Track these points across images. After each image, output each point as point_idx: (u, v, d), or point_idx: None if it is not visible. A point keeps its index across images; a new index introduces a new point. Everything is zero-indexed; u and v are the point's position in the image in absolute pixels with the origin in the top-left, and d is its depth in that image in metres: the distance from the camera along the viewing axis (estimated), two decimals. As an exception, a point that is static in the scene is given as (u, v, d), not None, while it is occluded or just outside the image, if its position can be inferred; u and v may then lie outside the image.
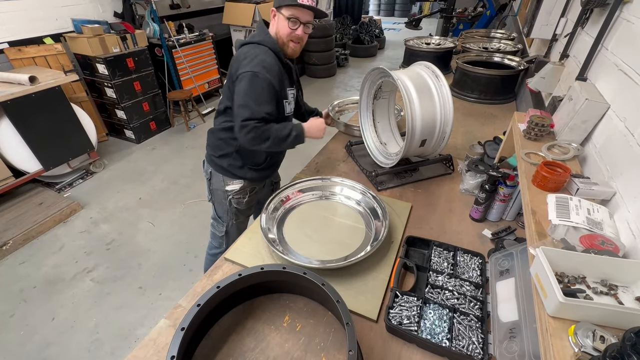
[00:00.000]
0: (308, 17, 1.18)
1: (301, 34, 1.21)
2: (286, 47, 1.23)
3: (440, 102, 1.26)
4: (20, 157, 2.62)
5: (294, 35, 1.20)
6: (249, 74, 1.14)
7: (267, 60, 1.17)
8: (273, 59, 1.19)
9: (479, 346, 0.78)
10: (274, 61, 1.19)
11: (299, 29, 1.19)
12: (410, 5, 9.81)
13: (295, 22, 1.17)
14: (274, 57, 1.20)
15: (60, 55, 3.19)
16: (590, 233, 0.70)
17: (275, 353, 0.80)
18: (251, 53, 1.19)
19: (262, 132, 1.16)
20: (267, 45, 1.20)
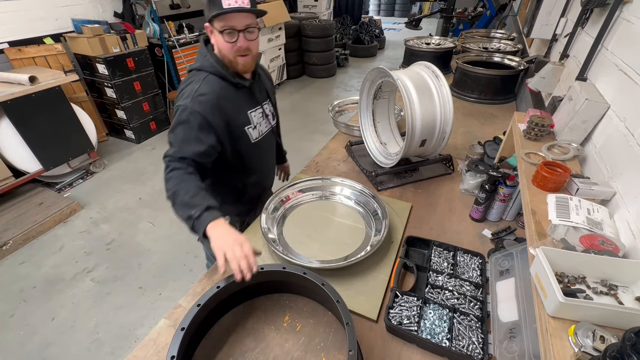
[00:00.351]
0: (245, 21, 0.96)
1: (245, 45, 0.98)
2: (235, 64, 1.03)
3: (440, 102, 1.27)
4: (20, 157, 2.62)
5: (237, 48, 0.98)
6: (178, 108, 0.98)
7: (203, 89, 0.99)
8: (215, 85, 1.01)
9: (479, 346, 0.78)
10: (217, 87, 1.01)
11: (240, 39, 0.97)
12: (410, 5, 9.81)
13: (232, 34, 0.96)
14: (217, 81, 1.02)
15: (60, 55, 3.19)
16: (590, 233, 0.70)
17: (275, 353, 0.80)
18: (187, 82, 1.03)
19: (170, 177, 0.92)
20: (206, 70, 1.03)
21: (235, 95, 1.07)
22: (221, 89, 1.03)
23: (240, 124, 1.10)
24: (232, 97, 1.06)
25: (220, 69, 1.03)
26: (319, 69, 5.63)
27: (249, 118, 1.12)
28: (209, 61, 1.02)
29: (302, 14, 6.01)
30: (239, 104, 1.09)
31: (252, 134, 1.14)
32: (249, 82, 1.10)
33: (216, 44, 1.02)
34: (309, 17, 5.76)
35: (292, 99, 4.93)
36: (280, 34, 4.92)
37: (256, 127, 1.15)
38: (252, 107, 1.13)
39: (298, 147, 3.68)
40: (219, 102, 1.01)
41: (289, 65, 5.42)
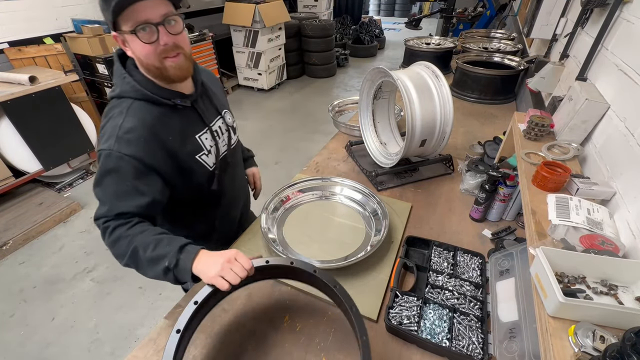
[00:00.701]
0: (160, 10, 0.73)
1: (170, 40, 0.76)
2: (164, 70, 0.79)
3: (440, 102, 1.26)
4: (20, 157, 2.62)
5: (161, 49, 0.75)
6: (101, 154, 0.77)
7: (128, 123, 0.77)
8: (143, 113, 0.80)
9: (479, 346, 0.78)
10: (148, 116, 0.80)
11: (161, 35, 0.74)
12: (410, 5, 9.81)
13: (149, 31, 0.73)
14: (146, 108, 0.80)
15: (60, 55, 3.19)
16: (590, 233, 0.70)
17: (275, 353, 0.80)
18: (107, 116, 0.81)
19: (114, 240, 0.76)
20: (128, 95, 0.80)
21: (175, 119, 0.84)
22: (153, 117, 0.80)
23: (190, 154, 0.88)
24: (170, 124, 0.83)
25: (147, 90, 0.79)
26: (319, 69, 5.63)
27: (200, 143, 0.90)
28: (130, 84, 0.79)
29: (302, 14, 6.02)
30: (182, 129, 0.86)
31: (208, 161, 0.93)
32: (191, 97, 0.88)
33: (134, 53, 0.77)
34: (309, 17, 5.76)
35: (292, 99, 4.93)
36: (280, 34, 4.93)
37: (211, 152, 0.93)
38: (201, 129, 0.91)
39: (298, 147, 3.68)
40: (153, 135, 0.79)
41: (289, 65, 5.42)
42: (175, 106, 0.85)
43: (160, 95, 0.82)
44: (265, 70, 4.81)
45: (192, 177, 0.91)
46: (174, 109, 0.85)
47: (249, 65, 4.87)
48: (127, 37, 0.74)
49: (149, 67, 0.79)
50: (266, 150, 3.60)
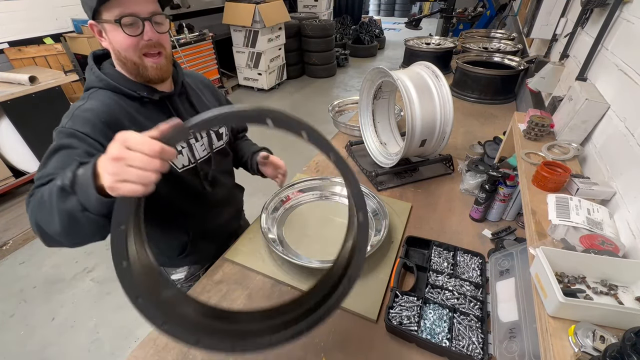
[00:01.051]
0: (149, 7, 0.72)
1: (155, 37, 0.74)
2: (143, 68, 0.76)
3: (440, 102, 1.26)
4: (20, 157, 2.62)
5: (144, 43, 0.73)
6: (54, 133, 0.72)
7: (88, 104, 0.73)
8: (106, 99, 0.75)
9: (479, 346, 0.78)
10: (110, 102, 0.75)
11: (146, 29, 0.72)
12: (410, 5, 9.81)
13: (134, 24, 0.71)
14: (109, 96, 0.76)
15: (60, 55, 3.19)
16: (590, 233, 0.70)
17: (275, 353, 0.80)
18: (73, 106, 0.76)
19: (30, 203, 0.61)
20: (94, 85, 0.77)
21: (141, 113, 0.79)
22: (116, 104, 0.75)
23: None
24: (134, 117, 0.77)
25: (113, 80, 0.76)
26: (319, 69, 5.63)
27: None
28: (95, 74, 0.77)
29: (302, 14, 6.02)
30: (148, 123, 0.78)
31: (176, 162, 0.84)
32: (161, 94, 0.82)
33: (112, 44, 0.74)
34: (309, 17, 5.76)
35: (292, 99, 4.93)
36: (280, 34, 4.93)
37: (181, 153, 0.86)
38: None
39: (298, 147, 3.68)
40: (114, 120, 0.73)
41: (289, 65, 5.42)
42: (143, 100, 0.79)
43: (127, 87, 0.77)
44: (265, 70, 4.81)
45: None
46: (142, 103, 0.80)
47: (249, 65, 4.87)
48: (107, 26, 0.71)
49: (126, 61, 0.75)
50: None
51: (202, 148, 0.93)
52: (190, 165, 0.89)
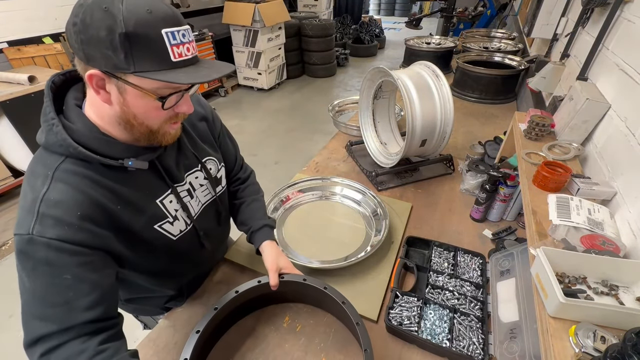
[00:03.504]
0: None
1: (191, 109, 0.63)
2: (160, 136, 0.63)
3: (440, 102, 1.26)
4: (20, 156, 2.62)
5: (172, 115, 0.62)
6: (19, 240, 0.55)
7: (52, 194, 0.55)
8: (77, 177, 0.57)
9: (480, 347, 0.78)
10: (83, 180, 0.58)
11: (184, 101, 0.61)
12: (411, 5, 9.80)
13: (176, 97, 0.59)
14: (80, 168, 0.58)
15: (60, 54, 3.18)
16: (591, 233, 0.69)
17: (275, 353, 0.80)
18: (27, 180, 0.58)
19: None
20: (56, 151, 0.58)
21: (124, 182, 0.63)
22: (90, 182, 0.58)
23: (147, 225, 0.68)
24: (118, 191, 0.62)
25: (86, 148, 0.57)
26: (319, 69, 5.63)
27: (162, 210, 0.70)
28: (58, 135, 0.56)
29: (302, 14, 6.01)
30: (134, 196, 0.64)
31: (172, 230, 0.73)
32: (153, 155, 0.66)
33: (127, 107, 0.57)
34: (309, 17, 5.76)
35: (292, 99, 4.93)
36: (280, 33, 4.92)
37: (177, 218, 0.74)
38: (163, 191, 0.70)
39: (298, 147, 3.68)
40: (94, 206, 0.58)
41: (289, 64, 5.41)
42: (125, 168, 0.63)
43: (104, 154, 0.59)
44: (265, 69, 4.81)
45: (149, 249, 0.70)
46: (125, 171, 0.63)
47: (249, 64, 4.87)
48: (130, 89, 0.55)
49: (139, 126, 0.60)
50: (266, 150, 3.59)
51: (196, 203, 0.80)
52: (187, 228, 0.77)
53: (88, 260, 0.57)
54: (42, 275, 0.55)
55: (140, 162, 0.64)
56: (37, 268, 0.55)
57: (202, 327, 0.69)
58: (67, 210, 0.55)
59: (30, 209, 0.54)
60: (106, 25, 0.49)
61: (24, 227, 0.54)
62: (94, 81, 0.54)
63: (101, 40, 0.50)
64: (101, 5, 0.49)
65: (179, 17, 0.55)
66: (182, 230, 0.77)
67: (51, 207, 0.54)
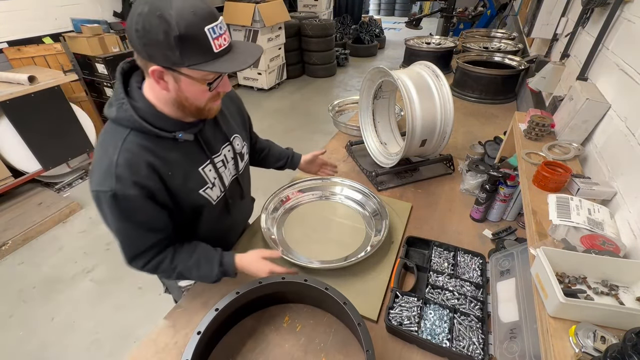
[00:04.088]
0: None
1: (229, 88, 0.77)
2: (206, 112, 0.77)
3: (440, 102, 1.26)
4: (20, 157, 2.62)
5: (215, 94, 0.74)
6: (98, 194, 0.71)
7: (122, 160, 0.70)
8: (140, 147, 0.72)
9: (480, 347, 0.78)
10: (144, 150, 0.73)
11: (224, 81, 0.74)
12: (411, 5, 9.80)
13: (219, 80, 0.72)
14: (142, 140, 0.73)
15: (60, 55, 3.19)
16: (591, 233, 0.70)
17: (275, 353, 0.80)
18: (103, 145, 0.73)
19: (166, 269, 0.82)
20: (125, 124, 0.72)
21: (175, 152, 0.77)
22: (150, 152, 0.73)
23: (193, 189, 0.83)
24: (169, 159, 0.76)
25: (146, 122, 0.72)
26: (319, 69, 5.62)
27: (204, 177, 0.84)
28: (127, 112, 0.71)
29: (302, 14, 6.01)
30: (183, 163, 0.80)
31: (212, 194, 0.87)
32: (196, 128, 0.80)
33: (181, 92, 0.70)
34: (309, 17, 5.76)
35: (292, 99, 4.93)
36: (280, 33, 4.92)
37: (215, 185, 0.88)
38: (204, 160, 0.84)
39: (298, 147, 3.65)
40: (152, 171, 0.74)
41: (289, 64, 5.41)
42: (176, 140, 0.77)
43: (161, 128, 0.74)
44: (265, 69, 4.81)
45: (194, 211, 0.86)
46: (175, 142, 0.77)
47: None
48: (184, 79, 0.67)
49: (189, 105, 0.73)
50: (266, 150, 3.59)
51: (229, 174, 0.94)
52: (221, 194, 0.92)
53: (154, 206, 0.76)
54: (125, 218, 0.74)
55: (187, 134, 0.78)
56: (122, 214, 0.73)
57: (203, 328, 0.69)
58: (136, 173, 0.71)
59: (108, 171, 0.70)
60: (163, 30, 0.60)
61: (106, 185, 0.70)
62: (156, 74, 0.67)
63: (160, 43, 0.61)
64: (155, 12, 0.59)
65: (215, 12, 0.65)
66: (218, 196, 0.91)
67: (123, 169, 0.70)
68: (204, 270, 0.84)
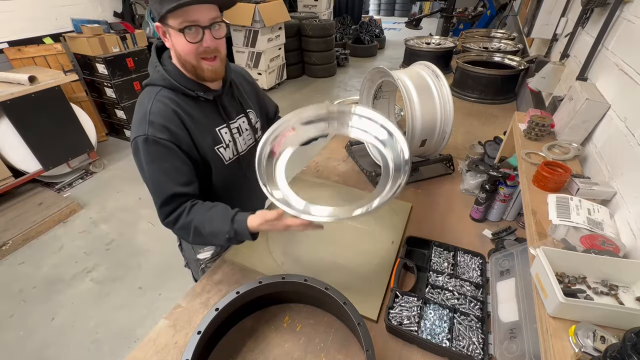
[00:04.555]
0: (210, 15, 0.79)
1: (213, 44, 0.82)
2: (200, 70, 0.85)
3: (440, 102, 1.26)
4: (20, 157, 2.62)
5: (202, 49, 0.81)
6: (136, 141, 0.83)
7: (155, 107, 0.84)
8: (169, 100, 0.86)
9: (479, 346, 0.78)
10: (172, 103, 0.86)
11: (206, 37, 0.80)
12: (411, 5, 9.80)
13: (196, 31, 0.78)
14: (172, 96, 0.87)
15: (60, 55, 3.19)
16: (590, 233, 0.70)
17: (275, 353, 0.80)
18: (140, 103, 0.88)
19: (183, 223, 0.85)
20: (157, 83, 0.87)
21: (197, 110, 0.91)
22: (178, 105, 0.87)
23: (209, 144, 0.93)
24: (192, 114, 0.89)
25: (174, 80, 0.86)
26: (319, 69, 5.62)
27: (219, 136, 0.96)
28: (159, 72, 0.86)
29: (302, 14, 6.01)
30: (203, 120, 0.92)
31: (225, 154, 0.98)
32: (214, 93, 0.93)
33: (174, 47, 0.83)
34: (309, 17, 5.76)
35: (292, 99, 4.93)
36: (280, 33, 4.92)
37: (229, 146, 0.99)
38: (221, 123, 0.96)
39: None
40: (180, 121, 0.86)
41: (289, 65, 5.41)
42: (198, 98, 0.91)
43: (186, 86, 0.88)
44: (265, 70, 4.81)
45: (209, 168, 0.96)
46: (197, 101, 0.91)
47: (249, 64, 4.87)
48: (171, 31, 0.79)
49: (186, 62, 0.85)
50: (266, 150, 3.59)
51: (243, 142, 1.05)
52: (234, 157, 1.02)
53: (180, 155, 0.86)
54: (155, 161, 0.84)
55: (207, 95, 0.91)
56: (152, 157, 0.83)
57: (204, 328, 0.69)
58: (165, 119, 0.83)
59: (143, 118, 0.83)
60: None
61: (141, 130, 0.82)
62: (160, 32, 0.82)
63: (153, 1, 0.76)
64: None
65: None
66: (230, 157, 1.00)
67: (155, 116, 0.83)
68: (217, 225, 0.83)
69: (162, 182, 0.85)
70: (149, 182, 0.86)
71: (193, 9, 0.76)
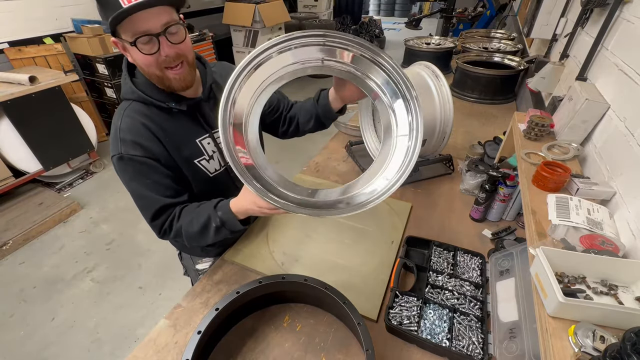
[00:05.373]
0: (162, 19, 0.70)
1: (171, 52, 0.74)
2: (167, 80, 0.78)
3: (440, 102, 1.26)
4: (20, 157, 2.62)
5: (162, 59, 0.74)
6: (113, 161, 0.82)
7: (124, 125, 0.80)
8: (138, 114, 0.81)
9: (479, 346, 0.78)
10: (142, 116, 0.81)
11: (162, 45, 0.72)
12: (410, 5, 9.80)
13: (149, 42, 0.71)
14: (141, 108, 0.82)
15: (60, 55, 3.19)
16: (590, 233, 0.70)
17: (275, 353, 0.80)
18: (113, 120, 0.84)
19: (177, 230, 0.85)
20: (128, 97, 0.82)
21: (170, 122, 0.84)
22: (147, 118, 0.81)
23: (188, 159, 0.88)
24: (165, 126, 0.83)
25: (143, 92, 0.80)
26: (319, 69, 5.62)
27: (200, 148, 0.89)
28: (127, 85, 0.81)
29: (302, 14, 6.01)
30: (178, 132, 0.85)
31: (209, 167, 0.92)
32: (190, 101, 0.85)
33: (135, 61, 0.76)
34: (309, 17, 5.76)
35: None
36: (280, 34, 4.92)
37: (213, 157, 0.92)
38: (202, 133, 0.89)
39: (298, 147, 3.67)
40: (152, 134, 0.81)
41: (289, 65, 5.40)
42: (171, 109, 0.84)
43: (156, 98, 0.82)
44: (265, 70, 4.81)
45: (193, 181, 0.92)
46: (170, 112, 0.85)
47: (249, 65, 4.87)
48: (126, 45, 0.72)
49: (151, 75, 0.79)
50: (266, 149, 3.57)
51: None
52: (221, 168, 0.97)
53: (159, 169, 0.82)
54: (135, 179, 0.81)
55: (180, 105, 0.84)
56: (131, 175, 0.81)
57: (204, 328, 0.69)
58: (135, 135, 0.79)
59: (115, 136, 0.80)
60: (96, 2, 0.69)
61: (115, 149, 0.79)
62: (120, 47, 0.75)
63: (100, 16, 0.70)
64: None
65: None
66: (216, 169, 0.95)
67: (124, 133, 0.79)
68: (203, 218, 0.81)
69: (147, 197, 0.83)
70: (135, 200, 0.85)
71: (139, 17, 0.67)
